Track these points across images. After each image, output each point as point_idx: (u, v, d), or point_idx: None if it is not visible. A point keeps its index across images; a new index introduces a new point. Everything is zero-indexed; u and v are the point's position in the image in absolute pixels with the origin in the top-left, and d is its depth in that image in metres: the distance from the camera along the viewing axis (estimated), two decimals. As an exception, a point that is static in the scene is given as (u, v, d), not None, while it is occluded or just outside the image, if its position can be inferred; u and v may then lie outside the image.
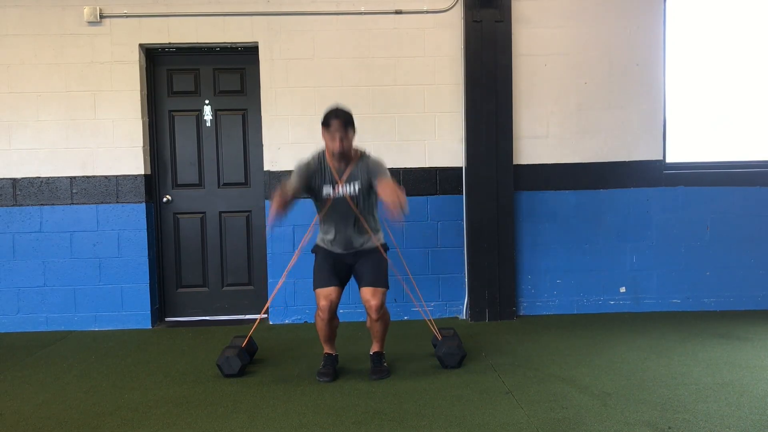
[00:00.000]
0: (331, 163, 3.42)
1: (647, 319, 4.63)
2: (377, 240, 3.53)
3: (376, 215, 3.58)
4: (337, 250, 3.49)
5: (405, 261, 4.67)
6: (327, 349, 3.60)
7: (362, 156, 3.47)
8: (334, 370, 3.52)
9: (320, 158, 3.46)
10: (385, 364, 3.58)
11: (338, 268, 3.50)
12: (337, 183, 3.41)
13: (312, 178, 3.42)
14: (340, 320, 3.95)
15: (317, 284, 3.46)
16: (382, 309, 3.43)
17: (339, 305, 3.48)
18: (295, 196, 3.35)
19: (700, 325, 4.42)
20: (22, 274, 4.69)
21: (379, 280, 3.45)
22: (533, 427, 2.78)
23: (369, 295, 3.40)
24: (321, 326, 3.47)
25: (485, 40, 4.62)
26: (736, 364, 3.58)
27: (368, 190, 3.42)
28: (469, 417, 2.91)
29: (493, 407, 3.02)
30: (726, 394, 3.12)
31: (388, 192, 3.15)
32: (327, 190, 3.42)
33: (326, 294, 3.40)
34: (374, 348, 3.61)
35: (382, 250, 3.52)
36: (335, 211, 3.44)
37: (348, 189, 3.40)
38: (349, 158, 3.42)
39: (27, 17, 4.62)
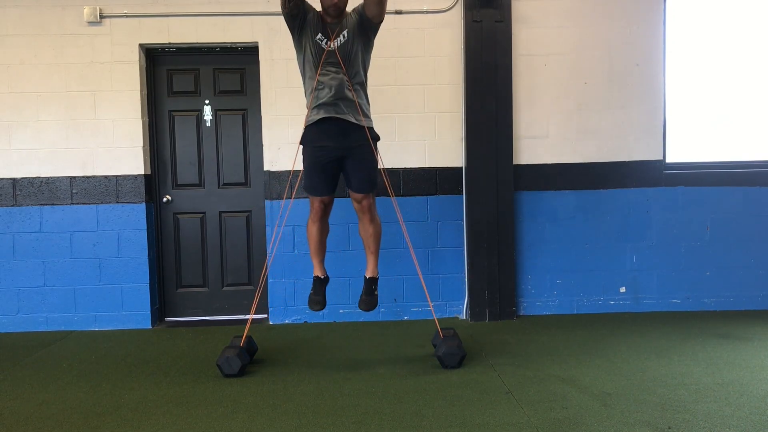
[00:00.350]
0: (325, 20, 3.45)
1: (647, 319, 4.63)
2: (366, 122, 3.53)
3: (365, 88, 3.59)
4: (329, 113, 3.44)
5: (406, 260, 4.69)
6: (317, 270, 3.72)
7: (352, 11, 3.50)
8: (324, 297, 3.67)
9: (316, 13, 3.48)
10: (376, 292, 3.66)
11: (328, 171, 3.53)
12: (329, 38, 3.43)
13: (306, 13, 3.42)
14: (340, 320, 3.98)
15: (311, 191, 3.57)
16: (373, 209, 3.58)
17: (335, 301, 3.55)
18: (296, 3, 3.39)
19: (700, 325, 4.43)
20: (22, 274, 4.69)
21: (370, 182, 3.56)
22: (533, 427, 2.78)
23: (360, 196, 3.54)
24: (313, 231, 3.61)
25: (485, 40, 4.62)
26: (736, 364, 3.58)
27: (358, 44, 3.45)
28: (469, 417, 2.91)
29: (493, 407, 3.02)
30: (726, 394, 3.12)
31: None
32: (319, 40, 3.43)
33: (321, 198, 3.55)
34: (368, 271, 3.69)
35: (372, 145, 3.53)
36: (326, 75, 3.44)
37: (338, 41, 3.43)
38: (342, 17, 3.46)
39: (27, 17, 4.62)
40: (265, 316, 4.86)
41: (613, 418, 2.86)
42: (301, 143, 3.60)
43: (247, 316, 4.89)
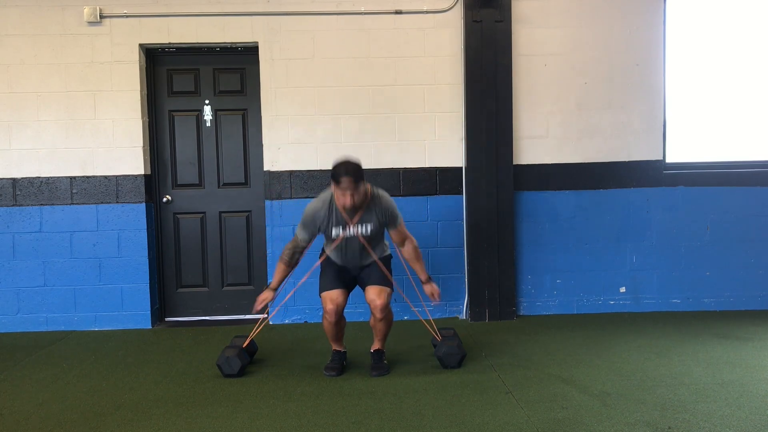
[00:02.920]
0: (342, 209, 3.42)
1: (647, 319, 4.63)
2: (382, 253, 3.63)
3: (383, 240, 3.66)
4: (344, 265, 3.59)
5: (405, 262, 4.68)
6: (335, 347, 3.66)
7: (373, 197, 3.46)
8: (341, 365, 3.59)
9: (330, 204, 3.45)
10: (385, 361, 3.62)
11: (344, 274, 3.58)
12: (348, 224, 3.44)
13: (320, 226, 3.47)
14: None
15: (323, 288, 3.53)
16: (386, 308, 3.50)
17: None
18: (305, 249, 3.55)
19: (700, 325, 4.42)
20: (22, 274, 4.69)
21: (384, 280, 3.52)
22: (533, 427, 2.78)
23: (374, 294, 3.46)
24: (328, 328, 3.55)
25: (485, 40, 4.62)
26: (736, 364, 3.58)
27: (380, 229, 3.50)
28: (469, 417, 2.91)
29: (493, 407, 3.02)
30: (726, 394, 3.12)
31: (410, 251, 3.59)
32: (337, 231, 3.46)
33: (332, 297, 3.46)
34: (375, 345, 3.65)
35: (385, 264, 3.61)
36: (344, 246, 3.51)
37: (360, 229, 3.45)
38: (362, 205, 3.43)
39: (27, 17, 4.62)
40: (265, 316, 4.85)
41: (613, 418, 2.86)
42: (320, 256, 3.67)
43: (247, 316, 4.91)
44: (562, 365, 3.62)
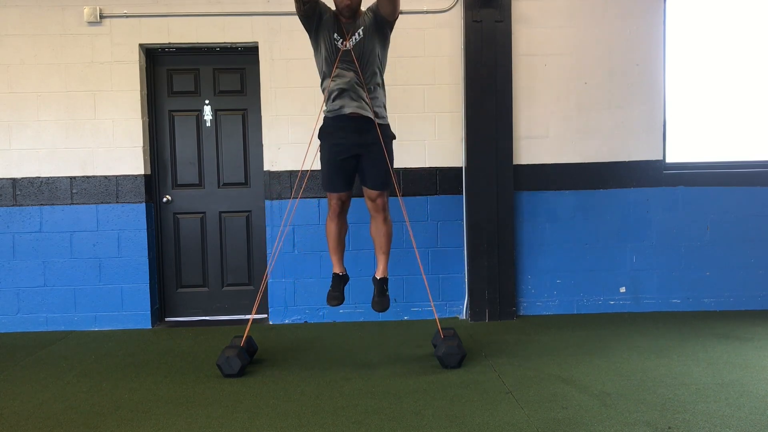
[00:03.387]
0: (340, 20, 3.48)
1: (647, 319, 4.63)
2: (382, 120, 3.57)
3: (383, 87, 3.62)
4: (346, 107, 3.48)
5: (407, 260, 4.69)
6: (336, 267, 3.73)
7: (367, 10, 3.52)
8: (341, 291, 3.69)
9: (331, 14, 3.51)
10: (388, 293, 3.68)
11: (345, 168, 3.58)
12: (345, 38, 3.46)
13: (321, 14, 3.45)
14: (340, 320, 3.97)
15: (329, 187, 3.62)
16: (386, 208, 3.62)
17: (341, 298, 3.67)
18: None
19: (700, 325, 4.42)
20: (22, 274, 4.69)
21: (385, 180, 3.59)
22: (533, 427, 2.78)
23: (374, 194, 3.58)
24: (332, 228, 3.65)
25: (485, 40, 4.62)
26: (736, 364, 3.58)
27: (374, 42, 3.47)
28: (469, 417, 2.91)
29: (493, 407, 3.02)
30: (726, 394, 3.12)
31: None
32: (335, 39, 3.46)
33: (339, 196, 3.60)
34: (378, 271, 3.70)
35: (387, 145, 3.57)
36: (342, 73, 3.47)
37: (353, 40, 3.46)
38: (357, 16, 3.48)
39: (27, 17, 4.62)
40: (265, 316, 4.86)
41: (613, 418, 2.86)
42: (318, 137, 3.66)
43: (248, 316, 4.91)
44: (562, 365, 3.62)
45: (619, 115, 4.80)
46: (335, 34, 3.47)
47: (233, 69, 4.89)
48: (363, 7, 3.53)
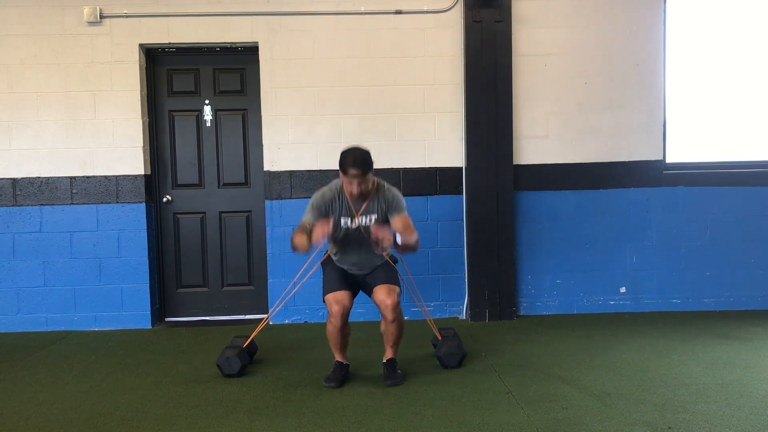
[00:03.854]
0: (349, 197, 3.39)
1: (647, 319, 4.63)
2: (386, 256, 3.53)
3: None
4: (349, 270, 3.51)
5: (406, 261, 4.68)
6: (338, 357, 3.49)
7: (379, 188, 3.42)
8: (341, 377, 3.41)
9: (338, 191, 3.41)
10: (399, 371, 3.46)
11: (349, 277, 3.49)
12: (354, 217, 3.39)
13: (328, 212, 3.40)
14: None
15: (328, 290, 3.39)
16: (397, 308, 3.34)
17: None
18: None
19: (700, 325, 4.42)
20: (22, 274, 4.69)
21: (392, 279, 3.43)
22: (533, 427, 2.78)
23: (384, 294, 3.32)
24: (333, 333, 3.38)
25: (485, 40, 4.62)
26: (736, 364, 3.58)
27: (384, 222, 3.42)
28: (469, 417, 2.91)
29: (493, 407, 3.02)
30: (726, 394, 3.12)
31: (400, 227, 3.29)
32: (344, 220, 3.40)
33: (338, 299, 3.32)
34: (387, 355, 3.49)
35: (391, 262, 3.54)
36: (349, 240, 3.44)
37: (364, 221, 3.39)
38: (368, 194, 3.39)
39: (27, 17, 4.62)
40: (265, 316, 4.85)
41: (613, 418, 2.86)
42: (322, 264, 3.59)
43: (247, 316, 4.92)
44: (562, 365, 3.62)
45: (619, 115, 4.80)
46: (342, 219, 3.39)
47: (233, 69, 4.89)
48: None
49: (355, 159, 3.23)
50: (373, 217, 3.39)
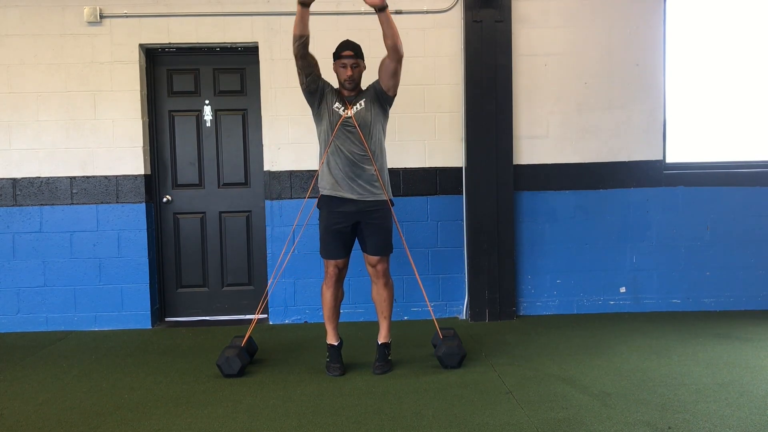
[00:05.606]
0: (343, 93, 3.55)
1: (647, 319, 4.63)
2: (384, 192, 3.53)
3: (384, 154, 3.60)
4: (344, 192, 3.48)
5: (406, 261, 4.68)
6: (330, 338, 3.64)
7: (369, 85, 3.59)
8: (341, 361, 3.61)
9: (334, 88, 3.59)
10: (390, 357, 3.63)
11: (344, 234, 3.54)
12: (347, 106, 3.50)
13: (323, 91, 3.52)
14: (341, 321, 3.95)
15: (326, 254, 3.58)
16: (387, 273, 3.60)
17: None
18: (307, 45, 3.48)
19: (700, 325, 4.43)
20: (22, 274, 4.69)
21: (386, 246, 3.57)
22: (533, 427, 2.78)
23: (375, 260, 3.56)
24: (327, 297, 3.60)
25: (485, 40, 4.62)
26: (736, 364, 3.58)
27: (375, 113, 3.50)
28: (469, 417, 2.91)
29: (493, 407, 3.02)
30: (726, 394, 3.12)
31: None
32: (338, 106, 3.50)
33: (335, 263, 3.56)
34: (381, 336, 3.65)
35: (390, 204, 3.56)
36: (342, 144, 3.47)
37: (357, 109, 3.49)
38: (358, 89, 3.56)
39: (27, 17, 4.62)
40: (265, 316, 4.86)
41: (613, 418, 2.86)
42: (318, 206, 3.63)
43: (247, 316, 4.92)
44: (562, 365, 3.62)
45: (619, 115, 4.80)
46: (337, 104, 3.51)
47: (233, 69, 4.89)
48: (364, 84, 3.60)
49: (348, 43, 3.53)
50: (364, 101, 3.53)
